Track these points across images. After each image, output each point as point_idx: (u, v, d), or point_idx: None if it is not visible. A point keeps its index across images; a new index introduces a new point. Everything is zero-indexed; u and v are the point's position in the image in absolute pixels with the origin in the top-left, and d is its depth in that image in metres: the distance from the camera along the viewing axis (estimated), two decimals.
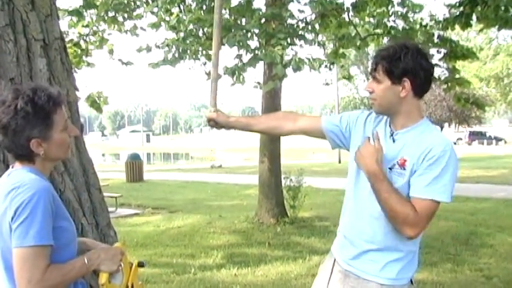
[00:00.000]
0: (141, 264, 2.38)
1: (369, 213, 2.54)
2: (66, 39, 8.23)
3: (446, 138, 2.50)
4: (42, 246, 1.94)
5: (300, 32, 10.04)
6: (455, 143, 54.75)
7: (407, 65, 2.41)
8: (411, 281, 2.62)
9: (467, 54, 9.77)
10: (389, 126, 2.57)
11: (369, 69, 2.57)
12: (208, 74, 11.26)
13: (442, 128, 33.83)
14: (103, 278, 2.14)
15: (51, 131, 2.08)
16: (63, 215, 2.09)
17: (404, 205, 2.38)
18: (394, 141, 2.52)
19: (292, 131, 2.96)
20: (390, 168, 2.47)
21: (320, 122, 2.84)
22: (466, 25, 9.21)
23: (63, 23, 9.70)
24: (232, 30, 9.25)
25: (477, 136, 54.75)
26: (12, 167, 2.15)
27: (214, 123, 2.99)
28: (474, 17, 9.11)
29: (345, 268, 2.66)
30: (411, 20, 10.63)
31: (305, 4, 10.65)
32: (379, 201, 2.43)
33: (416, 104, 2.52)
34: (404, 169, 2.44)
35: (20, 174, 2.06)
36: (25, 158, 2.10)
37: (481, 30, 10.59)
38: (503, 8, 8.54)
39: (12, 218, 1.93)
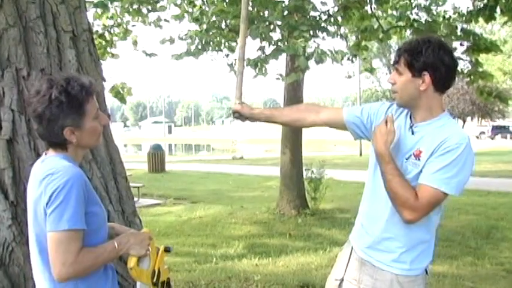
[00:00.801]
0: (167, 249, 2.45)
1: (385, 202, 2.57)
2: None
3: (464, 132, 2.52)
4: (75, 230, 2.02)
5: (322, 24, 10.02)
6: (477, 137, 54.27)
7: (427, 59, 2.43)
8: (426, 271, 2.66)
9: (491, 47, 9.66)
10: (410, 118, 2.60)
11: (392, 62, 2.60)
12: (231, 65, 11.34)
13: (464, 121, 33.48)
14: (132, 262, 2.21)
15: (83, 120, 2.15)
16: (95, 201, 2.18)
17: (406, 189, 2.42)
18: (413, 133, 2.55)
19: (314, 123, 3.00)
20: (406, 159, 2.52)
21: (342, 114, 2.88)
22: (490, 18, 9.12)
23: (88, 15, 9.81)
24: (255, 22, 9.27)
25: (500, 130, 54.06)
26: (46, 154, 2.23)
27: (238, 115, 3.05)
28: (498, 9, 9.04)
29: (361, 256, 2.70)
30: (434, 12, 10.55)
31: None
32: (384, 182, 2.49)
33: (437, 99, 2.53)
34: (419, 160, 2.48)
35: (53, 161, 2.14)
36: (58, 145, 2.18)
37: (505, 23, 10.46)
38: None
39: (47, 203, 2.02)
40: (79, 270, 2.04)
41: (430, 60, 2.44)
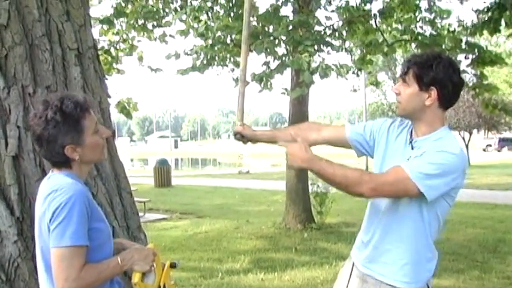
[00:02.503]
0: (173, 265, 2.45)
1: (382, 215, 2.59)
2: (97, 47, 8.39)
3: (459, 146, 2.52)
4: (78, 246, 2.04)
5: (327, 39, 10.09)
6: (484, 150, 54.03)
7: (437, 74, 2.44)
8: (427, 286, 2.65)
9: (496, 60, 9.69)
10: (411, 133, 2.61)
11: (400, 72, 2.60)
12: (236, 80, 11.36)
13: (471, 134, 33.35)
14: (136, 278, 2.22)
15: (83, 136, 2.17)
16: (99, 217, 2.19)
17: (353, 169, 2.46)
18: (412, 148, 2.56)
19: (316, 142, 3.01)
20: None
21: (344, 132, 2.89)
22: (494, 30, 9.16)
23: (94, 31, 9.89)
24: (260, 37, 9.34)
25: (507, 142, 53.84)
26: (52, 171, 2.25)
27: (240, 137, 3.07)
28: (503, 22, 9.06)
29: (362, 271, 2.70)
30: (439, 25, 10.60)
31: (332, 11, 10.72)
32: (330, 181, 2.50)
33: (440, 115, 2.55)
34: None
35: (58, 178, 2.17)
36: (62, 164, 2.20)
37: (510, 35, 10.49)
38: None
39: (50, 220, 2.04)
40: (82, 286, 2.05)
41: (440, 76, 2.45)
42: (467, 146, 31.76)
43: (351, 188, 2.47)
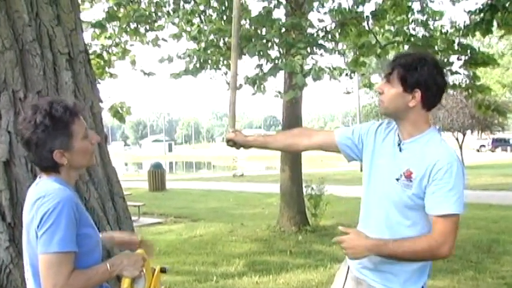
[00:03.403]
0: (163, 270, 2.43)
1: (378, 221, 2.58)
2: (89, 51, 8.37)
3: (452, 149, 2.52)
4: (66, 252, 2.03)
5: (319, 41, 10.09)
6: (478, 150, 54.18)
7: (421, 76, 2.44)
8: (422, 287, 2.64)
9: (488, 60, 9.71)
10: (398, 134, 2.61)
11: (385, 72, 2.60)
12: (229, 83, 11.37)
13: (464, 135, 33.44)
14: (125, 283, 2.21)
15: (71, 141, 2.16)
16: (87, 223, 2.18)
17: (420, 241, 2.44)
18: (400, 150, 2.55)
19: (308, 147, 3.03)
20: (397, 179, 2.50)
21: (334, 137, 2.89)
22: (486, 31, 9.17)
23: (86, 35, 9.88)
24: (253, 40, 9.33)
25: (500, 143, 54.09)
26: (40, 177, 2.24)
27: (233, 143, 3.08)
28: (495, 23, 9.08)
29: (357, 276, 2.69)
30: (431, 27, 10.62)
31: (325, 13, 10.74)
32: (402, 258, 2.47)
33: (424, 115, 2.54)
34: (410, 181, 2.46)
35: (45, 184, 2.15)
36: (51, 169, 2.19)
37: (502, 36, 10.52)
38: None
39: (38, 226, 2.03)
40: None
41: (424, 78, 2.45)
42: (460, 147, 31.83)
43: (427, 260, 2.54)
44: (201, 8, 11.49)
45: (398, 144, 2.57)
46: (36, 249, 2.05)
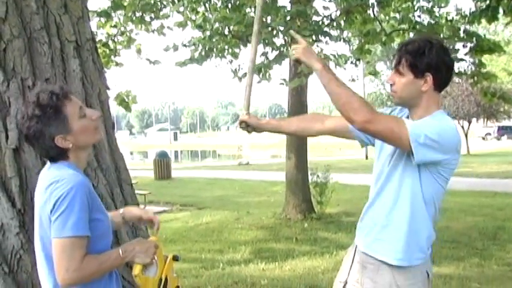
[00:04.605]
0: (176, 258, 2.45)
1: (375, 192, 2.65)
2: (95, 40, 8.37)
3: (454, 125, 2.56)
4: (79, 236, 2.05)
5: (325, 29, 10.08)
6: (483, 138, 53.99)
7: (431, 60, 2.47)
8: (428, 275, 2.65)
9: (494, 48, 9.67)
10: (409, 119, 2.62)
11: (393, 62, 2.61)
12: (235, 72, 11.40)
13: (470, 123, 33.36)
14: (136, 270, 2.22)
15: (68, 123, 2.15)
16: (99, 208, 2.20)
17: (360, 97, 2.46)
18: None
19: (321, 132, 3.05)
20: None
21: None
22: (492, 18, 9.12)
23: (92, 24, 9.89)
24: None
25: (506, 131, 53.84)
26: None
27: (245, 125, 3.07)
28: (501, 10, 9.04)
29: (362, 250, 2.73)
30: (437, 14, 10.58)
31: (330, 1, 10.69)
32: (332, 94, 2.48)
33: (436, 98, 2.57)
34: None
35: (59, 168, 2.18)
36: (60, 156, 2.20)
37: (508, 23, 10.46)
38: None
39: (51, 211, 2.05)
40: (83, 277, 2.06)
41: (434, 61, 2.48)
42: (466, 135, 31.80)
43: (347, 111, 2.43)
44: None
45: None
46: (49, 233, 2.08)
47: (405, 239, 2.57)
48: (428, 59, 2.47)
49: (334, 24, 10.73)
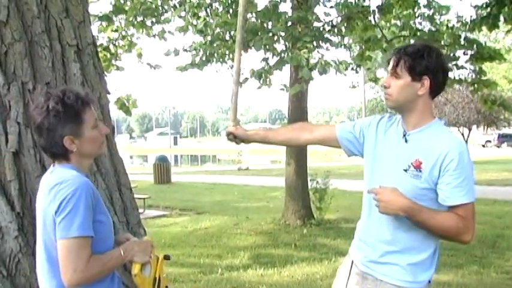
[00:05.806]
0: (167, 257, 2.50)
1: (381, 217, 2.54)
2: (96, 44, 8.39)
3: (459, 139, 2.53)
4: (85, 237, 2.08)
5: (326, 35, 10.09)
6: (483, 146, 54.01)
7: (430, 63, 2.46)
8: (429, 281, 2.62)
9: (494, 55, 9.70)
10: (402, 126, 2.61)
11: (390, 65, 2.57)
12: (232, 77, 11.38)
13: (470, 130, 33.35)
14: (136, 269, 2.27)
15: (82, 129, 2.21)
16: (102, 210, 2.23)
17: (451, 219, 2.43)
18: (406, 141, 2.55)
19: (309, 141, 3.05)
20: (405, 170, 2.49)
21: (335, 131, 2.89)
22: (493, 26, 9.16)
23: (93, 28, 9.92)
24: (259, 33, 9.34)
25: (506, 138, 53.85)
26: (54, 166, 2.28)
27: (233, 137, 3.08)
28: (502, 18, 9.07)
29: (363, 270, 2.67)
30: (438, 21, 10.60)
31: (331, 7, 10.73)
32: (427, 228, 2.46)
33: (430, 104, 2.56)
34: (420, 171, 2.46)
35: (62, 171, 2.21)
36: (61, 156, 2.23)
37: (508, 31, 10.49)
38: None
39: (56, 212, 2.08)
40: (88, 277, 2.09)
41: (432, 65, 2.47)
42: (466, 142, 31.73)
43: (449, 238, 2.53)
44: (208, 1, 11.53)
45: (404, 136, 2.57)
46: (53, 235, 2.11)
47: (420, 263, 2.56)
48: (427, 62, 2.46)
49: (335, 30, 10.75)
